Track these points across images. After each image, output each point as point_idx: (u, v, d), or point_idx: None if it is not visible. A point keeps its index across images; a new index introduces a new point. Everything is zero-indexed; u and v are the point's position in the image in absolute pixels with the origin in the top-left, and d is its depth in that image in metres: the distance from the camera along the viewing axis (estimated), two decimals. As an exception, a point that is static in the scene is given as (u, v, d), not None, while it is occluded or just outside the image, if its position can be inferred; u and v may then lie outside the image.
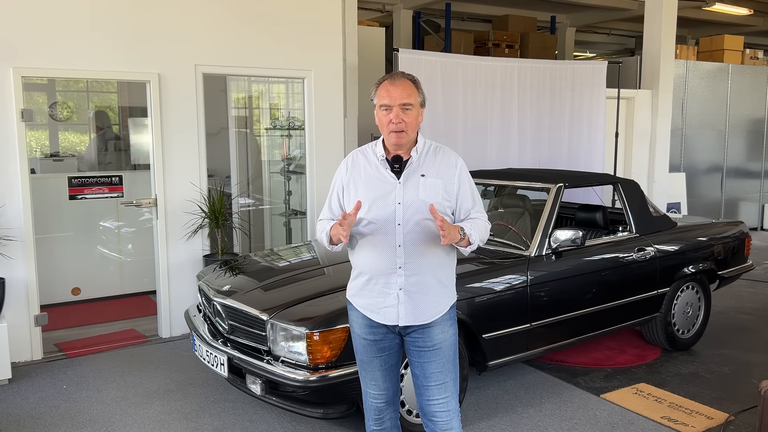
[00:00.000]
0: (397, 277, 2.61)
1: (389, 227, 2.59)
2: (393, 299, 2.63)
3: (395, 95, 2.57)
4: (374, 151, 2.71)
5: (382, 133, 2.67)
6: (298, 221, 6.58)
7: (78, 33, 4.81)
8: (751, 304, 6.33)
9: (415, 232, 2.59)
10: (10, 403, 4.11)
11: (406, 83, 2.61)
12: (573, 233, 4.10)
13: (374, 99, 2.66)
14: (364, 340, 2.73)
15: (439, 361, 2.66)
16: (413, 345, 2.68)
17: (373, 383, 2.76)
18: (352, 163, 2.74)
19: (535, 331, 4.04)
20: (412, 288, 2.62)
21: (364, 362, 2.76)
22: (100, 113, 7.43)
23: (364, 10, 10.98)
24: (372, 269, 2.66)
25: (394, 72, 2.73)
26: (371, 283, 2.68)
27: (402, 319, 2.63)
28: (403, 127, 2.57)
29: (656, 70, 8.54)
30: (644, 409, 4.00)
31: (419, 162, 2.66)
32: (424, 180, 2.62)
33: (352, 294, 2.79)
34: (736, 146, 10.32)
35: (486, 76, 6.86)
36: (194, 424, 3.84)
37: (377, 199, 2.61)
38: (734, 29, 13.33)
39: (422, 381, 2.68)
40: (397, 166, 2.63)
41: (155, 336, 5.35)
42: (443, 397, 2.67)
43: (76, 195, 5.45)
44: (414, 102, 2.60)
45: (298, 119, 6.40)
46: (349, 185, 2.70)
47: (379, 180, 2.64)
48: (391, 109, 2.58)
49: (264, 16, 5.55)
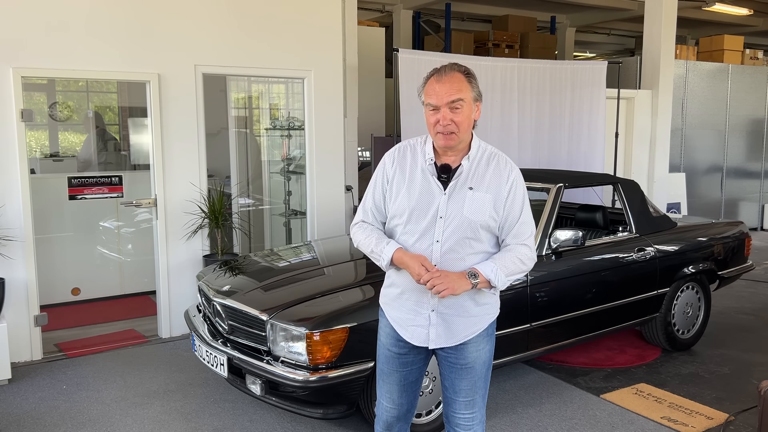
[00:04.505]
0: (431, 298, 2.39)
1: (426, 242, 2.36)
2: (424, 320, 2.42)
3: (442, 93, 2.28)
4: (423, 150, 2.43)
5: (429, 133, 2.41)
6: (298, 221, 6.57)
7: (78, 33, 4.81)
8: (751, 304, 6.33)
9: (454, 251, 2.35)
10: (10, 403, 4.11)
11: (455, 77, 2.30)
12: (573, 233, 4.10)
13: (422, 96, 2.38)
14: (388, 351, 2.54)
15: (470, 379, 2.47)
16: (445, 360, 2.50)
17: (388, 395, 2.58)
18: (400, 156, 2.47)
19: (535, 331, 4.04)
20: (447, 310, 2.40)
21: (384, 372, 2.57)
22: (95, 114, 7.42)
23: (364, 10, 10.98)
24: (404, 284, 2.44)
25: (444, 65, 2.37)
26: (402, 298, 2.46)
27: (433, 342, 2.43)
28: (452, 128, 2.30)
29: (656, 71, 8.54)
30: (644, 410, 4.00)
31: (469, 173, 2.38)
32: (471, 194, 2.35)
33: (384, 302, 2.57)
34: (736, 146, 10.33)
35: (486, 76, 6.86)
36: (194, 424, 3.84)
37: (417, 210, 2.37)
38: (734, 29, 13.33)
39: (451, 394, 2.52)
40: (445, 177, 2.36)
41: (155, 336, 5.35)
42: (469, 412, 2.51)
43: (76, 195, 5.45)
44: (466, 97, 2.30)
45: (298, 119, 6.40)
46: (394, 180, 2.44)
47: (423, 187, 2.38)
48: (439, 109, 2.30)
49: (264, 16, 5.55)
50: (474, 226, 2.35)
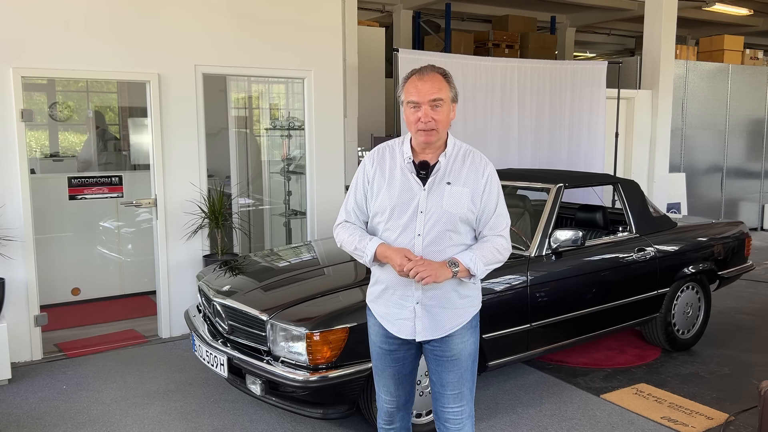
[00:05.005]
0: (414, 290, 2.49)
1: (408, 236, 2.45)
2: (409, 312, 2.51)
3: (424, 91, 2.39)
4: (401, 150, 2.53)
5: (409, 131, 2.49)
6: (298, 221, 6.58)
7: (78, 33, 4.81)
8: (751, 304, 6.33)
9: (435, 244, 2.45)
10: (9, 404, 4.11)
11: (436, 77, 2.42)
12: (573, 233, 4.10)
13: (401, 95, 2.48)
14: (379, 349, 2.64)
15: (457, 371, 2.56)
16: (431, 353, 2.59)
17: (385, 389, 2.69)
18: (379, 157, 2.57)
19: (535, 331, 4.04)
20: (430, 302, 2.49)
21: (378, 369, 2.68)
22: (96, 113, 7.42)
23: (364, 10, 10.98)
24: (388, 279, 2.53)
25: (423, 66, 2.48)
26: (387, 293, 2.56)
27: (419, 334, 2.52)
28: (432, 125, 2.40)
29: (656, 71, 8.54)
30: (644, 410, 4.00)
31: (447, 169, 2.49)
32: (449, 188, 2.46)
33: (370, 300, 2.67)
34: (736, 146, 10.33)
35: (486, 76, 6.86)
36: (194, 424, 3.84)
37: (398, 206, 2.47)
38: (734, 29, 13.33)
39: (438, 388, 2.61)
40: (423, 173, 2.46)
41: (155, 336, 5.35)
42: (458, 405, 2.60)
43: (76, 195, 5.45)
44: (445, 97, 2.41)
45: (298, 119, 6.40)
46: (374, 180, 2.54)
47: (402, 184, 2.48)
48: (420, 107, 2.40)
49: (264, 16, 5.55)
50: (453, 219, 2.46)
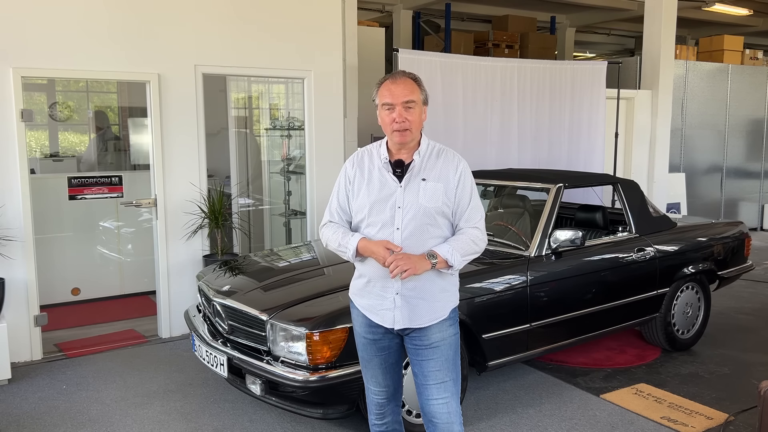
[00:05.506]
0: (394, 282, 2.61)
1: (388, 231, 2.60)
2: (390, 303, 2.64)
3: (397, 93, 2.56)
4: (379, 152, 2.70)
5: (385, 132, 2.66)
6: (298, 221, 6.58)
7: (78, 33, 4.81)
8: (751, 304, 6.33)
9: (414, 237, 2.59)
10: (9, 404, 4.11)
11: (408, 81, 2.60)
12: (573, 233, 4.10)
13: (376, 99, 2.65)
14: (364, 339, 2.76)
15: (438, 360, 2.65)
16: (411, 343, 2.70)
17: (374, 380, 2.80)
18: (358, 160, 2.74)
19: (535, 331, 4.04)
20: (409, 293, 2.62)
21: (365, 359, 2.79)
22: (99, 113, 7.43)
23: (364, 10, 10.98)
24: (370, 272, 2.67)
25: (395, 71, 2.72)
26: (370, 285, 2.70)
27: (398, 322, 2.65)
28: (407, 125, 2.57)
29: (656, 71, 8.53)
30: (644, 410, 4.00)
31: (421, 166, 2.64)
32: (424, 184, 2.61)
33: (353, 293, 2.82)
34: (736, 146, 10.33)
35: (486, 76, 6.86)
36: (194, 424, 3.84)
37: (377, 203, 2.62)
38: (734, 29, 13.34)
39: (421, 380, 2.69)
40: (399, 171, 2.62)
41: (155, 336, 5.35)
42: (443, 397, 2.66)
43: (76, 195, 5.45)
44: (417, 99, 2.59)
45: (298, 119, 6.40)
46: (354, 180, 2.70)
47: (380, 182, 2.64)
48: (394, 108, 2.56)
49: (264, 16, 5.55)
50: (430, 213, 2.60)
